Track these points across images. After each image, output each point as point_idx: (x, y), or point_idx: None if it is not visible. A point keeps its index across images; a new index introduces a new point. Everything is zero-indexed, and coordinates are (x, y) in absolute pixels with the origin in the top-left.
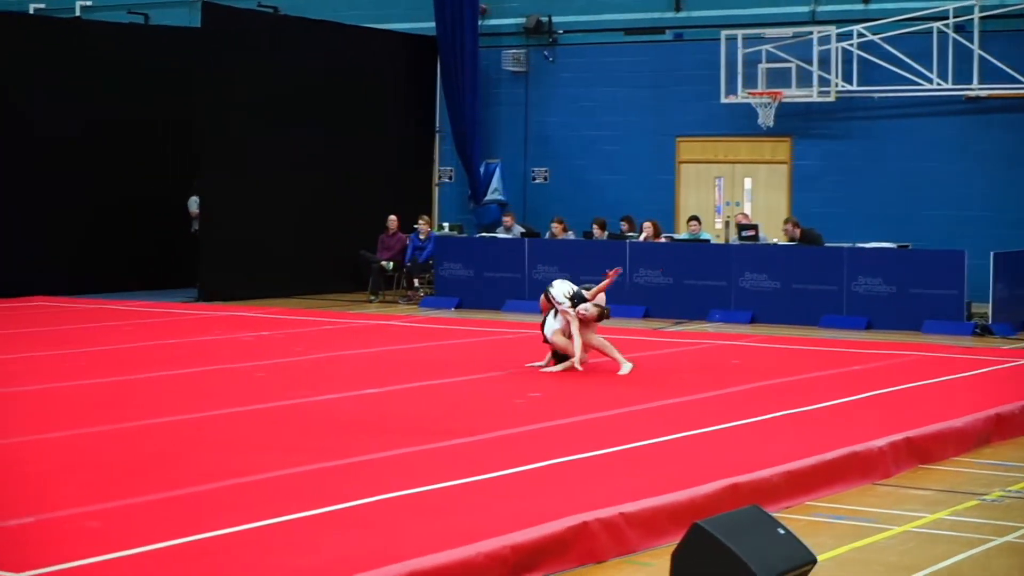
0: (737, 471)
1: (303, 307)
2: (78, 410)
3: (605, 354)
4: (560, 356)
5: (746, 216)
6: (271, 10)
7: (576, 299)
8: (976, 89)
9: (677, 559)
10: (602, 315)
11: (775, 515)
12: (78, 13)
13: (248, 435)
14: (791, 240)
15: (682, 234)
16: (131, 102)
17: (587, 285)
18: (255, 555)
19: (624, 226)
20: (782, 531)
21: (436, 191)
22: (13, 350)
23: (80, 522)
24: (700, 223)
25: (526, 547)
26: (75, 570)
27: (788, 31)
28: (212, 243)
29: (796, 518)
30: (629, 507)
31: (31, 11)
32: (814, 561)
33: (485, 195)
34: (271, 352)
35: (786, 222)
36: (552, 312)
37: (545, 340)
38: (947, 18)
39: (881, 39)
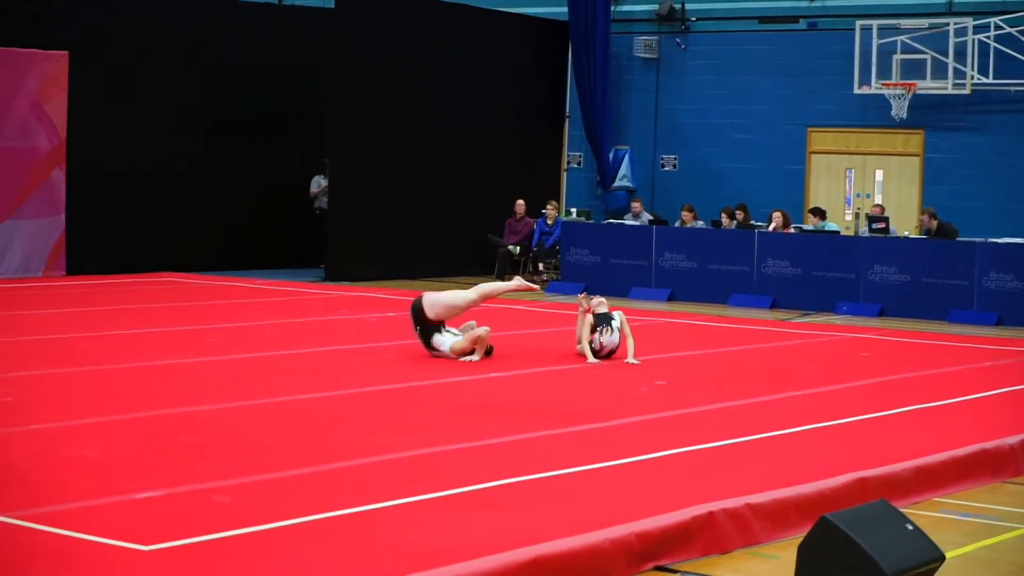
0: (865, 465)
1: (429, 289)
2: (208, 386)
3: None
4: None
5: (880, 208)
6: None
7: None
8: None
9: (803, 552)
10: None
11: (903, 510)
12: None
13: (378, 415)
14: (927, 231)
15: (810, 225)
16: (261, 81)
17: None
18: (384, 534)
19: (740, 214)
20: (910, 527)
21: (564, 176)
22: (145, 324)
23: (208, 497)
24: (821, 216)
25: (652, 535)
26: (200, 544)
27: (924, 22)
28: (340, 224)
29: (924, 514)
30: (756, 498)
31: None
32: (942, 558)
33: (613, 181)
34: (398, 333)
35: (923, 212)
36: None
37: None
38: None
39: (1019, 31)
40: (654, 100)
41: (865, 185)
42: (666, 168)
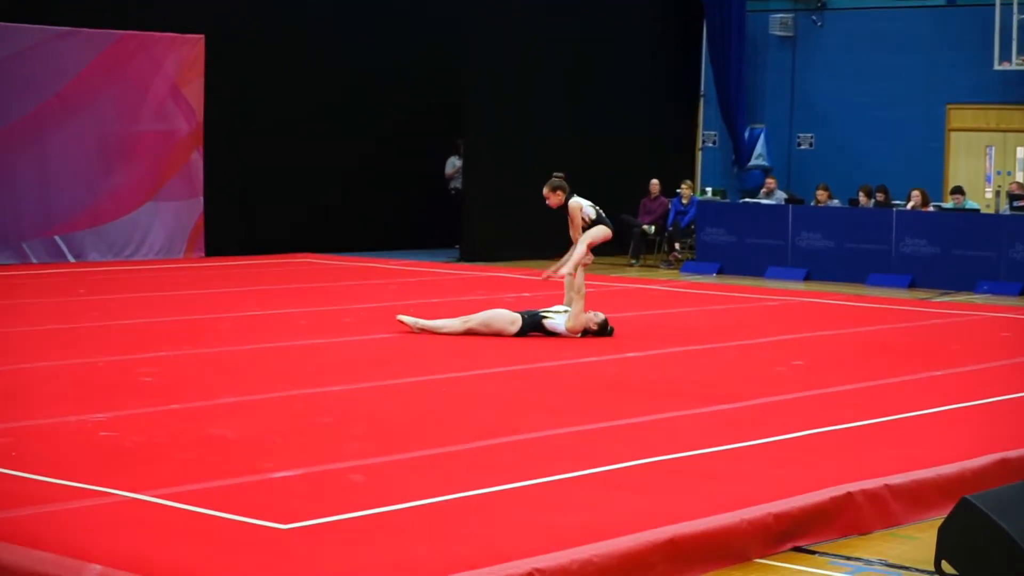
0: (1007, 445)
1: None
2: (344, 367)
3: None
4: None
5: (1020, 185)
6: None
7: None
8: None
9: (944, 534)
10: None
11: None
12: None
13: (513, 395)
14: None
15: (948, 203)
16: (396, 63)
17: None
18: (519, 514)
19: (880, 196)
20: None
21: (699, 156)
22: (282, 305)
23: (345, 476)
24: (963, 195)
25: (789, 516)
26: (336, 523)
27: None
28: (474, 204)
29: None
30: (895, 479)
31: None
32: None
33: (749, 160)
34: None
35: None
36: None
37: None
38: None
39: None
40: (790, 78)
41: (1006, 163)
42: (802, 147)
